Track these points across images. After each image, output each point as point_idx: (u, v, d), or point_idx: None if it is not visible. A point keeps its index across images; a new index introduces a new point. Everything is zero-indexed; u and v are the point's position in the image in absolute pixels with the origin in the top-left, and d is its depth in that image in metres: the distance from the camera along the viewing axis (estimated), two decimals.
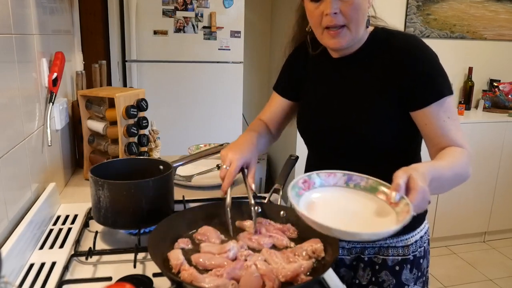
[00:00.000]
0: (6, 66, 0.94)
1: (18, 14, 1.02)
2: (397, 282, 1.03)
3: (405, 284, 1.04)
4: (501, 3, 3.23)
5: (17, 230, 0.88)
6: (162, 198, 1.01)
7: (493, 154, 2.98)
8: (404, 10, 3.04)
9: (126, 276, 0.84)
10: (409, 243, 1.04)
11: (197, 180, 1.46)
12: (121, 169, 1.10)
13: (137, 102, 1.38)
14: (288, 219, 0.99)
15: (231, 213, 0.92)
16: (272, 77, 3.47)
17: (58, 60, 1.26)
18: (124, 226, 0.99)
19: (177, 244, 0.88)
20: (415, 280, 1.05)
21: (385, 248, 1.04)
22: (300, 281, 0.75)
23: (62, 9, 1.53)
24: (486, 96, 3.31)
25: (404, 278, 1.04)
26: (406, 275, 1.04)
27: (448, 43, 3.19)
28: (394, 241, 1.03)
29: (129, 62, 2.51)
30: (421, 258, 1.06)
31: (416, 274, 1.05)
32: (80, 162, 1.52)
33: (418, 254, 1.05)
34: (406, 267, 1.04)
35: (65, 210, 1.18)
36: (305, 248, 0.86)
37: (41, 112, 1.18)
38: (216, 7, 2.54)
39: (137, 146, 1.38)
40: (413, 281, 1.05)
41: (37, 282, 0.83)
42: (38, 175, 1.13)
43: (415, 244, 1.05)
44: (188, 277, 0.73)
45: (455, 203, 2.99)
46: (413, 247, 1.04)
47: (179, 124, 2.65)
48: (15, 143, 0.97)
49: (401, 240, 1.04)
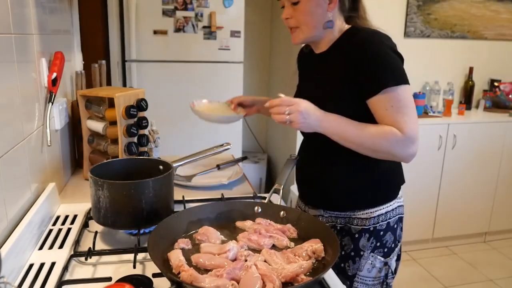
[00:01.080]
0: (6, 66, 0.94)
1: (17, 14, 1.02)
2: (355, 247, 1.20)
3: (361, 249, 1.20)
4: (502, 2, 3.23)
5: (16, 230, 0.88)
6: (162, 198, 1.01)
7: (493, 154, 2.98)
8: (405, 10, 3.04)
9: (126, 276, 0.84)
10: (371, 216, 1.19)
11: (197, 180, 1.46)
12: (121, 169, 1.10)
13: (137, 102, 1.38)
14: (288, 219, 0.99)
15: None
16: (272, 77, 3.47)
17: (57, 60, 1.26)
18: (124, 226, 0.99)
19: (177, 244, 0.88)
20: (373, 248, 1.20)
21: (352, 218, 1.21)
22: (300, 281, 0.75)
23: (62, 9, 1.52)
24: (486, 96, 3.31)
25: (361, 244, 1.20)
26: (363, 242, 1.19)
27: (449, 43, 3.19)
28: (359, 213, 1.19)
29: (129, 62, 2.51)
30: (381, 230, 1.20)
31: (374, 243, 1.19)
32: (80, 162, 1.51)
33: (378, 227, 1.19)
34: (365, 235, 1.19)
35: (65, 210, 1.18)
36: (305, 248, 0.86)
37: (41, 112, 1.18)
38: (216, 7, 2.54)
39: (137, 146, 1.37)
40: (370, 249, 1.19)
41: (36, 282, 0.83)
42: (37, 175, 1.13)
43: (376, 217, 1.19)
44: (188, 278, 0.73)
45: (455, 203, 2.99)
46: (374, 220, 1.19)
47: (179, 124, 2.65)
48: (15, 143, 0.97)
49: (365, 213, 1.19)
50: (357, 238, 1.19)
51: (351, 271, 1.21)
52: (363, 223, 1.19)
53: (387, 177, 1.22)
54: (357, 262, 1.20)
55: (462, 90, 3.33)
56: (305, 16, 1.13)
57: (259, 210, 1.02)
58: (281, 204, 1.09)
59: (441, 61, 3.20)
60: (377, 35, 1.10)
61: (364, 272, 1.20)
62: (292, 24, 1.16)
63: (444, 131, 2.82)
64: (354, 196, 1.19)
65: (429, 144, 2.81)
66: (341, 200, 1.21)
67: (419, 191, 2.86)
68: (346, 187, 1.19)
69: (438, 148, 2.83)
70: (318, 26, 1.15)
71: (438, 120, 2.88)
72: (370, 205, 1.19)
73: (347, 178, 1.19)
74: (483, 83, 3.38)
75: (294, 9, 1.14)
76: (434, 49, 3.16)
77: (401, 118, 1.05)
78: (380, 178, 1.20)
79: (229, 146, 1.45)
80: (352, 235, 1.20)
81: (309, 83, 1.27)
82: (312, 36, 1.17)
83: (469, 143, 2.88)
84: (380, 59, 1.07)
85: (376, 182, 1.19)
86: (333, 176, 1.20)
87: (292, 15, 1.15)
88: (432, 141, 2.81)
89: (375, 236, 1.19)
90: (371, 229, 1.19)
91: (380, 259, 1.20)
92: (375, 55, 1.07)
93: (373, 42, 1.08)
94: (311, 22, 1.14)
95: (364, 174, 1.18)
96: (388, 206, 1.20)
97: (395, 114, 1.06)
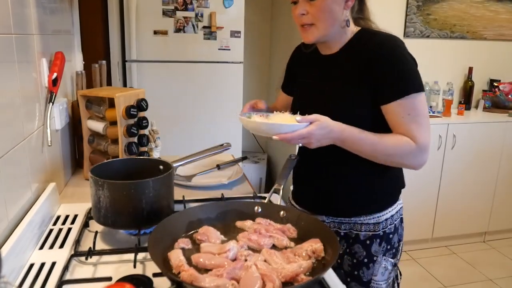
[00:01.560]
0: (6, 66, 0.94)
1: (18, 14, 1.02)
2: (367, 254, 1.18)
3: (374, 255, 1.18)
4: (502, 3, 3.23)
5: (17, 230, 0.88)
6: (162, 198, 1.01)
7: (493, 154, 2.98)
8: (404, 10, 3.04)
9: (126, 276, 0.84)
10: (380, 221, 1.17)
11: (197, 180, 1.46)
12: (121, 169, 1.10)
13: (137, 102, 1.38)
14: (288, 219, 0.99)
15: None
16: (272, 77, 3.47)
17: (58, 60, 1.26)
18: (124, 226, 0.99)
19: (177, 244, 0.88)
20: (384, 252, 1.19)
21: (358, 224, 1.17)
22: (300, 281, 0.75)
23: (62, 9, 1.53)
24: (486, 96, 3.31)
25: (374, 250, 1.17)
26: (375, 248, 1.17)
27: (448, 43, 3.19)
28: (366, 218, 1.17)
29: (129, 62, 2.51)
30: (390, 233, 1.19)
31: (385, 247, 1.18)
32: (80, 162, 1.52)
33: (387, 231, 1.18)
34: (376, 241, 1.17)
35: (65, 210, 1.18)
36: (305, 248, 0.86)
37: (41, 112, 1.18)
38: (216, 7, 2.54)
39: (137, 146, 1.38)
40: (382, 252, 1.18)
41: (37, 282, 0.83)
42: (38, 175, 1.13)
43: (385, 222, 1.18)
44: (188, 277, 0.73)
45: (455, 203, 2.99)
46: (383, 224, 1.17)
47: (179, 124, 2.65)
48: (15, 143, 0.97)
49: (373, 218, 1.17)
50: (368, 244, 1.17)
51: (366, 277, 1.18)
52: (374, 229, 1.16)
53: (393, 181, 1.21)
54: (371, 268, 1.17)
55: (461, 90, 3.33)
56: (323, 13, 1.07)
57: (259, 210, 1.02)
58: (281, 204, 1.09)
59: (441, 61, 3.20)
60: (394, 39, 1.08)
61: (379, 277, 1.18)
62: (307, 21, 1.09)
63: (444, 131, 2.82)
64: (360, 201, 1.16)
65: None
66: (346, 205, 1.17)
67: (418, 191, 2.86)
68: (351, 191, 1.16)
69: (437, 148, 2.83)
70: (335, 25, 1.10)
71: (438, 120, 2.88)
72: (378, 210, 1.17)
73: (352, 182, 1.16)
74: (483, 83, 3.38)
75: (311, 4, 1.07)
76: (434, 49, 3.16)
77: (417, 127, 1.05)
78: (386, 182, 1.18)
79: (229, 146, 1.45)
80: (362, 242, 1.17)
81: (317, 86, 1.20)
82: (327, 34, 1.11)
83: (468, 143, 2.88)
84: (401, 64, 1.05)
85: (383, 186, 1.18)
86: (336, 179, 1.17)
87: (308, 11, 1.08)
88: (431, 141, 2.81)
89: (386, 240, 1.18)
90: (381, 234, 1.17)
91: (391, 261, 1.19)
92: (396, 59, 1.05)
93: (393, 47, 1.06)
94: (328, 20, 1.08)
95: (371, 178, 1.15)
96: (393, 209, 1.19)
97: (411, 123, 1.05)
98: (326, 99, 1.14)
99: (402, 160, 1.08)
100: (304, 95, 1.24)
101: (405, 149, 1.05)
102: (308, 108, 1.12)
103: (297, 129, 0.97)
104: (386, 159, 1.08)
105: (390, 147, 1.05)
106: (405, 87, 1.04)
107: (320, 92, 1.17)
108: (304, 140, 0.99)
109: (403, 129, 1.05)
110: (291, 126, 0.97)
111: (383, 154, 1.06)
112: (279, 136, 0.98)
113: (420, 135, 1.05)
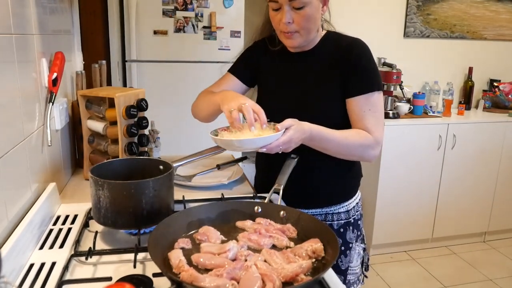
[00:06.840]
0: (6, 66, 0.94)
1: (18, 14, 1.02)
2: (344, 242, 1.27)
3: (349, 242, 1.27)
4: (502, 3, 3.23)
5: (17, 230, 0.88)
6: (162, 198, 1.01)
7: (493, 154, 2.98)
8: (404, 10, 3.04)
9: (126, 276, 0.84)
10: (349, 209, 1.28)
11: (197, 180, 1.46)
12: (121, 169, 1.10)
13: (137, 102, 1.38)
14: (288, 219, 0.99)
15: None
16: None
17: (58, 60, 1.26)
18: (124, 226, 0.99)
19: (177, 244, 0.88)
20: (356, 238, 1.29)
21: (330, 214, 1.27)
22: (300, 281, 0.75)
23: (62, 9, 1.53)
24: (486, 96, 3.31)
25: (348, 237, 1.27)
26: (350, 235, 1.28)
27: (448, 43, 3.19)
28: (337, 208, 1.27)
29: (129, 62, 2.51)
30: (358, 220, 1.31)
31: (356, 233, 1.29)
32: (80, 162, 1.52)
33: (356, 217, 1.30)
34: (349, 228, 1.28)
35: (65, 210, 1.18)
36: (305, 248, 0.86)
37: (41, 112, 1.18)
38: (216, 7, 2.54)
39: (137, 146, 1.38)
40: (355, 239, 1.29)
41: (37, 282, 0.83)
42: (38, 175, 1.13)
43: (353, 209, 1.30)
44: (188, 277, 0.73)
45: (455, 203, 2.99)
46: (352, 212, 1.29)
47: (179, 124, 2.65)
48: (15, 143, 0.97)
49: (342, 207, 1.27)
50: (342, 232, 1.26)
51: (344, 265, 1.27)
52: (345, 217, 1.27)
53: (356, 170, 1.32)
54: (348, 255, 1.27)
55: (461, 90, 3.33)
56: (308, 21, 1.13)
57: (259, 210, 1.02)
58: (281, 204, 1.09)
59: (441, 61, 3.20)
60: (362, 41, 1.21)
61: (354, 263, 1.28)
62: (292, 29, 1.15)
63: (444, 131, 2.82)
64: (330, 191, 1.26)
65: (428, 144, 2.81)
66: (318, 196, 1.26)
67: (418, 190, 2.86)
68: (322, 183, 1.26)
69: (437, 148, 2.83)
70: (315, 30, 1.18)
71: (438, 120, 2.89)
72: (346, 198, 1.28)
73: (323, 173, 1.25)
74: (483, 83, 3.38)
75: (297, 13, 1.12)
76: (434, 49, 3.16)
77: (374, 122, 1.17)
78: (351, 172, 1.30)
79: None
80: (336, 231, 1.26)
81: (288, 81, 1.27)
82: (309, 40, 1.20)
83: (468, 143, 2.88)
84: (368, 64, 1.17)
85: (350, 175, 1.29)
86: (308, 171, 1.25)
87: (294, 19, 1.13)
88: (431, 141, 2.81)
89: (356, 227, 1.29)
90: (352, 221, 1.28)
91: (362, 246, 1.30)
92: (365, 59, 1.17)
93: (363, 47, 1.19)
94: (311, 27, 1.16)
95: (339, 168, 1.25)
96: (357, 197, 1.32)
97: (370, 118, 1.16)
98: (302, 91, 1.23)
99: (362, 154, 1.18)
100: (277, 89, 1.30)
101: (364, 142, 1.15)
102: (283, 101, 1.24)
103: (274, 139, 1.00)
104: (349, 154, 1.18)
105: (352, 143, 1.15)
106: (369, 85, 1.16)
107: (295, 85, 1.25)
108: (285, 145, 1.03)
109: (362, 123, 1.16)
110: (267, 138, 1.00)
111: (346, 150, 1.16)
112: (265, 148, 1.01)
113: (376, 129, 1.16)
